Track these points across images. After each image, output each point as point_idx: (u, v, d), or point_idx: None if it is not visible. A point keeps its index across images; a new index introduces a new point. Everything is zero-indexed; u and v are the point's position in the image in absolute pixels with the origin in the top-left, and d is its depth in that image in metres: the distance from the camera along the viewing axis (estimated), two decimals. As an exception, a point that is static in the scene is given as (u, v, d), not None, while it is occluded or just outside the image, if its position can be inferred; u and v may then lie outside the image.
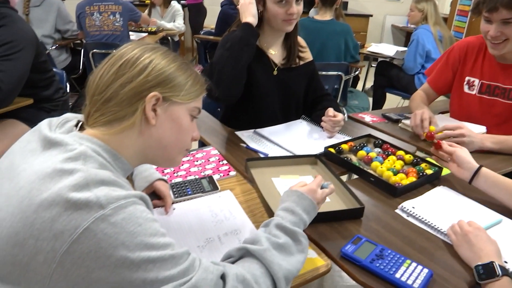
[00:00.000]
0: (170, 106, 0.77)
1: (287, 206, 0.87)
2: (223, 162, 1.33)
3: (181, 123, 0.80)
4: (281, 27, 1.55)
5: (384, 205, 1.16)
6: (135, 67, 0.74)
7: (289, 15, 1.50)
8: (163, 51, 0.79)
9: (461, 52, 1.80)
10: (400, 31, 7.00)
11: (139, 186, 1.06)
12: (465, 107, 1.81)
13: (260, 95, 1.64)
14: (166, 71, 0.76)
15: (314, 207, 0.90)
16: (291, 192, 0.91)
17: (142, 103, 0.74)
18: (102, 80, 0.74)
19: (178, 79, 0.77)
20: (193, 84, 0.80)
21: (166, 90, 0.76)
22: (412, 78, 3.51)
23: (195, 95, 0.81)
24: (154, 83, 0.74)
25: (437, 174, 1.30)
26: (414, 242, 1.00)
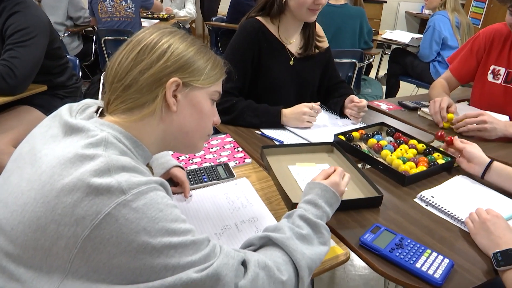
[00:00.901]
0: (190, 91, 0.76)
1: (310, 198, 0.87)
2: (238, 149, 1.32)
3: (202, 108, 0.79)
4: (305, 16, 1.50)
5: (402, 193, 1.14)
6: (153, 52, 0.72)
7: (316, 5, 1.46)
8: (181, 35, 0.77)
9: (487, 40, 1.75)
10: (414, 18, 6.87)
11: (156, 172, 1.06)
12: (488, 97, 1.76)
13: (276, 86, 1.62)
14: (185, 55, 0.74)
15: (337, 200, 0.90)
16: (314, 185, 0.90)
17: (162, 89, 0.73)
18: (121, 67, 0.73)
19: (197, 63, 0.76)
20: (212, 68, 0.79)
21: (186, 75, 0.75)
22: (427, 65, 3.44)
23: (215, 79, 0.80)
24: (173, 68, 0.73)
25: (450, 164, 1.28)
26: (434, 231, 0.98)
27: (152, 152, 0.78)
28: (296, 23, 1.59)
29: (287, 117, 1.48)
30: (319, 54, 1.69)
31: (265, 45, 1.57)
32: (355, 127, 1.49)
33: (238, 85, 1.57)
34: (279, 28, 1.59)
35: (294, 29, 1.62)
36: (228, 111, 1.51)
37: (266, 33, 1.57)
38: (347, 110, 1.61)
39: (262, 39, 1.56)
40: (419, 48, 3.50)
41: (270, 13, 1.56)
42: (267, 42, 1.57)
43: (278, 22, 1.58)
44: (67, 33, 3.55)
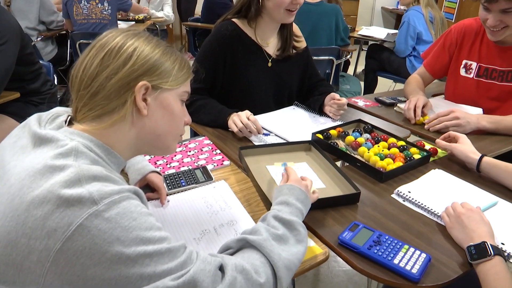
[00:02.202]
0: (160, 93, 0.75)
1: (281, 199, 0.88)
2: (217, 152, 1.31)
3: (173, 110, 0.78)
4: (283, 17, 1.50)
5: (380, 190, 1.15)
6: (119, 56, 0.71)
7: (294, 5, 1.46)
8: (146, 37, 0.76)
9: (459, 35, 1.78)
10: (390, 13, 6.97)
11: (132, 179, 1.04)
12: (461, 91, 1.80)
13: (254, 88, 1.62)
14: (151, 57, 0.73)
15: (306, 196, 0.91)
16: (281, 187, 0.92)
17: (131, 94, 0.71)
18: (87, 73, 0.71)
19: (164, 65, 0.75)
20: (180, 68, 0.78)
21: (154, 78, 0.73)
22: (403, 60, 3.49)
23: (183, 79, 0.79)
24: (141, 71, 0.71)
25: (426, 158, 1.30)
26: (411, 227, 0.99)
27: (126, 158, 0.77)
28: (273, 24, 1.58)
29: (230, 118, 1.45)
30: (297, 55, 1.69)
31: (240, 48, 1.56)
32: (333, 125, 1.50)
33: (206, 86, 1.57)
34: (256, 30, 1.58)
35: (271, 31, 1.61)
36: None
37: (242, 35, 1.56)
38: (327, 107, 1.61)
39: (237, 42, 1.55)
40: (395, 43, 3.54)
41: (247, 16, 1.55)
42: (242, 44, 1.56)
43: (255, 24, 1.57)
44: (40, 37, 3.46)
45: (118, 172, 0.76)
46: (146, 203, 0.72)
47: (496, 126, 1.52)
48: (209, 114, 1.50)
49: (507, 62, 1.65)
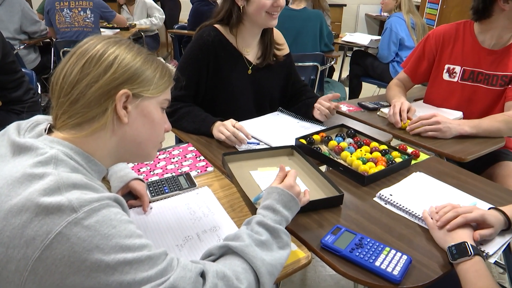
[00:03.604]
0: (141, 102, 0.75)
1: (268, 204, 0.87)
2: (200, 158, 1.31)
3: (154, 118, 0.78)
4: (264, 21, 1.51)
5: (362, 193, 1.16)
6: (100, 64, 0.70)
7: (275, 7, 1.47)
8: (127, 44, 0.75)
9: (437, 40, 1.81)
10: (374, 20, 7.07)
11: (114, 186, 1.04)
12: (445, 95, 1.82)
13: (235, 95, 1.62)
14: (133, 65, 0.73)
15: (295, 202, 0.91)
16: (272, 189, 0.91)
17: (112, 102, 0.71)
18: (66, 81, 0.70)
19: (145, 73, 0.74)
20: (161, 76, 0.77)
21: (135, 86, 0.73)
22: (387, 66, 3.55)
23: (164, 87, 0.78)
24: (122, 80, 0.71)
25: (407, 162, 1.32)
26: (393, 229, 1.01)
27: (106, 166, 0.77)
28: (255, 30, 1.59)
29: (215, 128, 1.45)
30: (278, 62, 1.70)
31: (222, 54, 1.57)
32: (316, 130, 1.51)
33: (190, 93, 1.58)
34: (237, 37, 1.59)
35: (252, 38, 1.62)
36: (169, 115, 1.52)
37: (223, 41, 1.57)
38: (316, 110, 1.60)
39: (219, 48, 1.56)
40: (378, 49, 3.60)
41: (229, 23, 1.56)
42: (224, 50, 1.57)
43: (236, 31, 1.58)
44: (22, 45, 3.43)
45: (100, 180, 0.75)
46: (128, 210, 0.71)
47: (477, 130, 1.54)
48: (192, 122, 1.51)
49: (494, 66, 1.67)
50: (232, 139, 1.39)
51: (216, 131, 1.43)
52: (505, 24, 1.58)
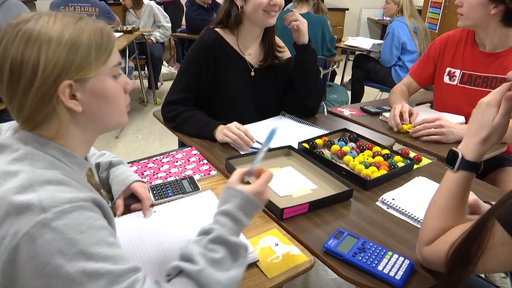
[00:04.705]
0: (86, 84, 0.68)
1: (229, 210, 0.76)
2: (204, 162, 1.32)
3: (107, 92, 0.72)
4: (262, 19, 1.53)
5: (365, 198, 1.17)
6: (24, 70, 0.63)
7: (272, 6, 1.49)
8: (45, 30, 0.65)
9: (441, 44, 1.85)
10: (376, 24, 7.08)
11: (116, 189, 1.04)
12: (446, 98, 1.84)
13: (236, 98, 1.63)
14: (60, 55, 0.65)
15: (259, 209, 0.82)
16: (235, 192, 0.79)
17: (56, 98, 0.66)
18: (3, 92, 0.66)
19: (78, 56, 0.66)
20: (97, 49, 0.69)
21: (73, 74, 0.66)
22: (389, 70, 3.56)
23: (105, 58, 0.70)
24: (55, 75, 0.65)
25: (410, 166, 1.32)
26: (395, 233, 1.01)
27: (83, 154, 0.74)
28: (255, 31, 1.61)
29: (218, 131, 1.46)
30: (281, 65, 1.72)
31: (222, 57, 1.59)
32: (318, 134, 1.52)
33: (191, 96, 1.60)
34: (238, 39, 1.61)
35: (253, 39, 1.64)
36: (172, 119, 1.57)
37: (224, 44, 1.59)
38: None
39: (219, 50, 1.58)
40: (380, 53, 3.61)
41: (228, 25, 1.59)
42: (224, 53, 1.59)
43: (236, 33, 1.60)
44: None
45: (83, 173, 0.74)
46: (109, 214, 0.69)
47: None
48: (195, 127, 1.52)
49: (491, 68, 1.69)
50: (238, 142, 1.40)
51: (221, 135, 1.44)
52: (497, 27, 1.60)
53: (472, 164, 0.84)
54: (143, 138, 3.65)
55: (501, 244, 0.70)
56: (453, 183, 0.85)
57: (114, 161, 1.10)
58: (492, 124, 0.83)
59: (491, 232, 0.71)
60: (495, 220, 0.71)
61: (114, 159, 1.11)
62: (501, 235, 0.69)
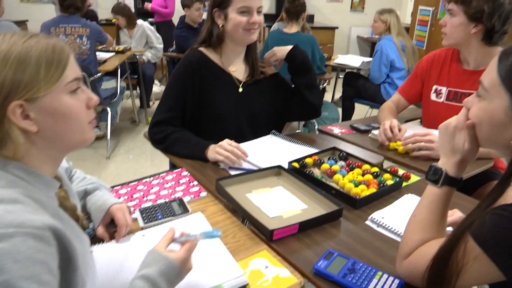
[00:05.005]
0: (39, 102, 0.66)
1: (150, 275, 0.74)
2: (194, 183, 1.32)
3: (63, 111, 0.69)
4: (243, 37, 1.57)
5: (354, 217, 1.17)
6: None
7: (251, 24, 1.54)
8: None
9: (428, 63, 1.90)
10: (366, 41, 7.20)
11: (95, 217, 1.01)
12: (433, 115, 1.88)
13: (225, 115, 1.65)
14: (7, 75, 0.63)
15: (181, 278, 0.79)
16: (160, 257, 0.77)
17: (7, 121, 0.64)
18: None
19: (26, 75, 0.64)
20: (48, 66, 0.66)
21: (22, 94, 0.64)
22: (378, 87, 3.61)
23: (58, 75, 0.68)
24: (3, 95, 0.63)
25: (399, 184, 1.33)
26: (385, 252, 1.01)
27: (50, 173, 0.73)
28: (237, 48, 1.65)
29: (210, 151, 1.47)
30: (268, 78, 1.75)
31: (208, 74, 1.61)
32: (308, 153, 1.53)
33: (178, 115, 1.60)
34: (222, 56, 1.64)
35: (236, 55, 1.68)
36: (161, 141, 1.57)
37: (208, 62, 1.62)
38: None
39: (204, 68, 1.61)
40: (370, 71, 3.66)
41: (211, 44, 1.62)
42: (210, 71, 1.62)
43: (220, 51, 1.64)
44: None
45: (51, 192, 0.73)
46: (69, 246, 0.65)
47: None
48: (185, 148, 1.52)
49: (476, 85, 1.71)
50: (231, 159, 1.41)
51: (212, 153, 1.45)
52: (479, 46, 1.65)
53: (455, 180, 0.88)
54: (135, 158, 3.64)
55: (474, 258, 0.71)
56: (435, 198, 0.88)
57: (89, 189, 1.06)
58: (463, 150, 0.87)
59: (466, 247, 0.72)
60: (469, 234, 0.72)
61: (89, 186, 1.07)
62: (474, 249, 0.71)
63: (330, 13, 7.30)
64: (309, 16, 6.89)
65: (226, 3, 1.53)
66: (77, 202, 0.89)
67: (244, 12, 1.52)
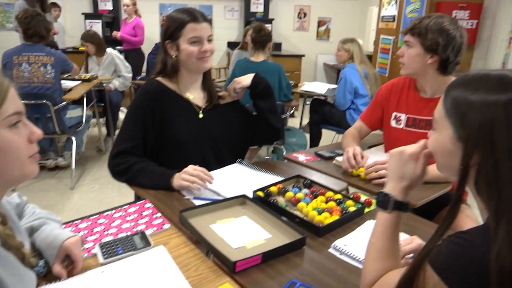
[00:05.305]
0: None
1: None
2: (157, 215, 1.30)
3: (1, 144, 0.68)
4: (197, 66, 1.62)
5: (318, 245, 1.18)
6: None
7: (203, 53, 1.58)
8: None
9: (387, 91, 1.99)
10: (332, 68, 7.42)
11: (49, 255, 0.96)
12: (394, 141, 1.93)
13: (187, 141, 1.65)
14: None
15: None
16: None
17: None
18: None
19: None
20: None
21: None
22: (344, 113, 3.71)
23: None
24: None
25: (361, 210, 1.36)
26: (347, 280, 1.02)
27: None
28: (193, 76, 1.69)
29: (176, 179, 1.46)
30: (228, 104, 1.79)
31: (166, 102, 1.63)
32: (273, 181, 1.54)
33: (139, 144, 1.59)
34: (179, 84, 1.67)
35: (193, 83, 1.71)
36: (124, 173, 1.54)
37: (167, 91, 1.64)
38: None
39: (163, 96, 1.62)
40: (335, 97, 3.77)
41: (166, 74, 1.65)
42: (168, 98, 1.64)
43: (176, 80, 1.67)
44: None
45: None
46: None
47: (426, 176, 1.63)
48: (150, 178, 1.51)
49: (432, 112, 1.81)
50: (198, 183, 1.42)
51: (178, 181, 1.45)
52: (435, 75, 1.76)
53: (402, 204, 0.92)
54: (101, 188, 3.55)
55: (433, 286, 0.73)
56: (387, 223, 0.91)
57: (35, 225, 1.00)
58: (412, 176, 0.94)
59: (425, 275, 0.74)
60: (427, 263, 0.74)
61: (35, 222, 1.01)
62: (433, 277, 0.73)
63: (297, 42, 7.53)
64: (276, 44, 7.08)
65: (176, 35, 1.58)
66: (25, 239, 0.86)
67: (195, 42, 1.56)
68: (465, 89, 0.78)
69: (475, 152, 0.75)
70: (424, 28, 1.68)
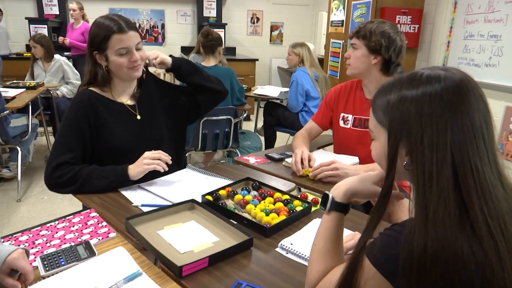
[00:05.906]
0: None
1: None
2: (103, 224, 1.27)
3: None
4: (128, 75, 1.60)
5: (265, 245, 1.20)
6: None
7: (133, 62, 1.56)
8: None
9: (335, 94, 2.10)
10: (286, 72, 7.54)
11: None
12: (342, 140, 2.05)
13: (128, 145, 1.63)
14: None
15: None
16: None
17: None
18: None
19: None
20: None
21: None
22: (296, 115, 3.79)
23: None
24: None
25: (308, 209, 1.40)
26: (293, 278, 1.05)
27: None
28: (126, 84, 1.68)
29: (131, 169, 1.49)
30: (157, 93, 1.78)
31: (101, 109, 1.60)
32: (222, 185, 1.55)
33: (78, 154, 1.55)
34: (112, 92, 1.65)
35: (126, 88, 1.69)
36: (72, 181, 1.48)
37: (100, 97, 1.62)
38: None
39: (97, 104, 1.60)
40: (288, 100, 3.84)
41: (97, 84, 1.62)
42: (103, 105, 1.61)
43: (109, 88, 1.65)
44: None
45: None
46: None
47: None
48: (104, 178, 1.48)
49: None
50: (163, 159, 1.50)
51: (139, 168, 1.47)
52: (378, 76, 1.87)
53: (341, 205, 0.94)
54: (50, 199, 3.41)
55: (371, 278, 0.76)
56: (328, 225, 0.94)
57: None
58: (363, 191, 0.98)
59: (363, 267, 0.78)
60: (364, 255, 0.78)
61: None
62: (370, 269, 0.77)
63: (251, 46, 7.59)
64: (230, 48, 7.11)
65: (103, 47, 1.53)
66: None
67: (123, 54, 1.54)
68: (385, 94, 0.85)
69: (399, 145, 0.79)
70: (369, 32, 1.81)
